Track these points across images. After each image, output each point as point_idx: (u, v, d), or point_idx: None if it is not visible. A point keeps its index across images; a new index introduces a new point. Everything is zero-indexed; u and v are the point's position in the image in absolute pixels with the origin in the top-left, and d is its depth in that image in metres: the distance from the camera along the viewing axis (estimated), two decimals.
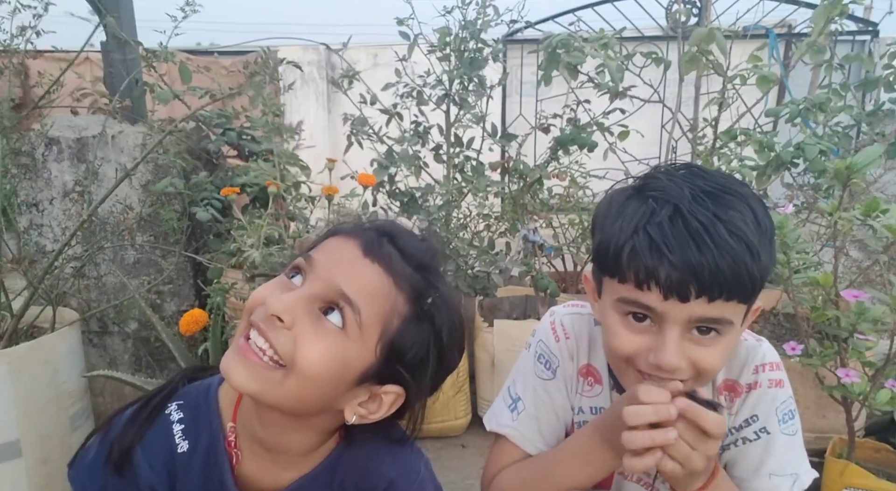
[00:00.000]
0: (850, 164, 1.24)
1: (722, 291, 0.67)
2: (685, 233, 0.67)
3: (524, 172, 2.34)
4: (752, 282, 0.68)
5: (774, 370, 0.85)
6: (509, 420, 0.93)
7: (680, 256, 0.66)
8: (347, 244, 0.68)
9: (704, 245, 0.66)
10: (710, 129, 2.21)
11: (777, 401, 0.84)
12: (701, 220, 0.67)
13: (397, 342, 0.67)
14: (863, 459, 1.61)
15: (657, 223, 0.68)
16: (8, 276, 1.85)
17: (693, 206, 0.68)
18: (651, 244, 0.68)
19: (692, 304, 0.67)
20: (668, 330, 0.70)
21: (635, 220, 0.70)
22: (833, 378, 1.48)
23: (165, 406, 0.76)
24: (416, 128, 2.34)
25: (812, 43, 1.89)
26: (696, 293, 0.67)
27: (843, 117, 2.27)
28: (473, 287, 2.20)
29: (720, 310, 0.68)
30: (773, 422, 0.83)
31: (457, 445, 2.18)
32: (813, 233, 2.11)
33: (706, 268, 0.66)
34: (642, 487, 0.92)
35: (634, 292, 0.70)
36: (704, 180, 0.72)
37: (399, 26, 2.30)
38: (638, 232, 0.69)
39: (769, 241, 0.71)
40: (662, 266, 0.67)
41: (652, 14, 3.11)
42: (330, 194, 1.97)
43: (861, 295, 1.34)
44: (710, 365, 0.71)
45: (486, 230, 2.47)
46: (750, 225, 0.68)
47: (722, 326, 0.70)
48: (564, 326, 0.92)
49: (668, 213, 0.69)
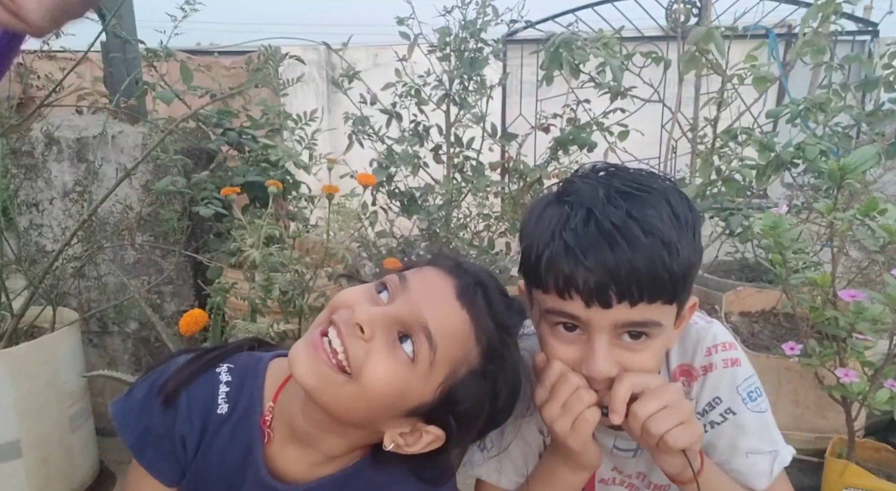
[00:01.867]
0: (844, 165, 1.25)
1: (642, 292, 0.66)
2: (598, 235, 0.66)
3: (524, 172, 2.34)
4: (672, 280, 0.66)
5: (728, 350, 0.83)
6: (481, 460, 0.92)
7: (594, 259, 0.65)
8: (443, 280, 0.69)
9: (617, 246, 0.65)
10: (709, 128, 2.21)
11: (737, 379, 0.82)
12: (614, 220, 0.66)
13: (457, 391, 0.67)
14: (863, 459, 1.61)
15: (572, 228, 0.67)
16: (8, 276, 1.85)
17: (606, 207, 0.67)
18: (567, 250, 0.67)
19: (615, 309, 0.66)
20: (596, 338, 0.69)
21: (552, 226, 0.69)
22: (832, 378, 1.48)
23: (218, 365, 0.77)
24: (416, 127, 2.34)
25: (808, 42, 1.89)
26: (617, 297, 0.66)
27: (843, 117, 2.27)
28: None
29: (645, 313, 0.67)
30: (738, 401, 0.82)
31: None
32: (813, 233, 2.11)
33: (622, 269, 0.64)
34: (625, 489, 0.92)
35: (558, 302, 0.69)
36: (621, 180, 0.71)
37: (399, 26, 2.30)
38: (554, 238, 0.68)
39: (691, 235, 0.69)
40: (579, 272, 0.66)
41: (652, 14, 3.11)
42: (330, 193, 1.97)
43: (858, 295, 1.34)
44: (644, 370, 0.71)
45: (486, 230, 2.47)
46: (666, 221, 0.67)
47: (650, 328, 0.69)
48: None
49: (582, 216, 0.67)
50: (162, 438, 0.74)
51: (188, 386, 0.75)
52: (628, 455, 0.88)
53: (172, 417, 0.74)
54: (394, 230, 2.36)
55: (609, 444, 0.87)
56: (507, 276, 2.24)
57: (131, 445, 0.75)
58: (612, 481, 0.91)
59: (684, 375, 0.85)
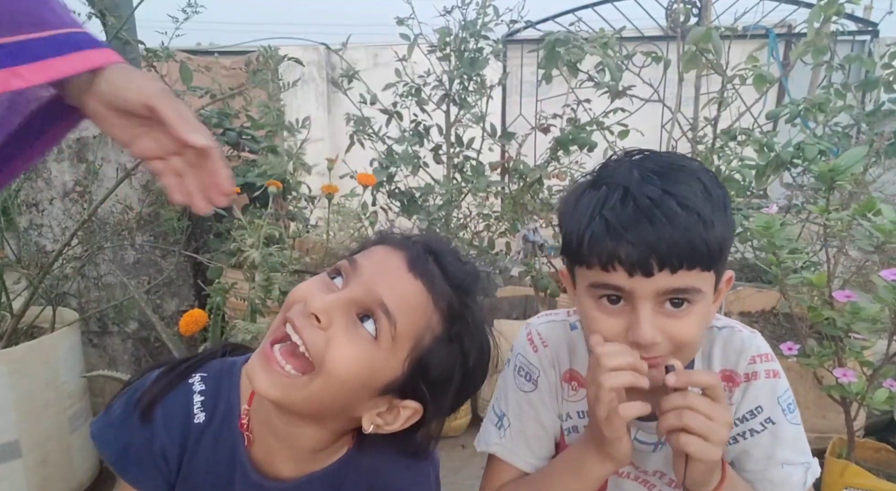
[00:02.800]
0: (834, 166, 1.25)
1: (681, 260, 0.70)
2: (636, 212, 0.70)
3: (524, 172, 2.35)
4: (708, 249, 0.70)
5: (771, 361, 0.86)
6: (497, 438, 0.93)
7: (635, 234, 0.69)
8: (393, 256, 0.69)
9: (656, 220, 0.69)
10: (709, 128, 2.21)
11: (778, 391, 0.84)
12: (650, 197, 0.70)
13: (425, 359, 0.67)
14: (863, 459, 1.61)
15: (611, 207, 0.72)
16: (8, 276, 1.85)
17: (642, 185, 0.71)
18: (608, 227, 0.71)
19: (657, 277, 0.70)
20: (641, 306, 0.72)
21: (591, 207, 0.73)
22: (831, 378, 1.48)
23: (190, 375, 0.77)
24: (416, 127, 2.34)
25: (809, 43, 1.89)
26: (658, 266, 0.69)
27: (843, 117, 2.27)
28: None
29: (685, 280, 0.71)
30: (778, 412, 0.84)
31: (457, 446, 2.18)
32: (813, 233, 2.11)
33: (662, 241, 0.69)
34: (640, 485, 0.92)
35: (602, 275, 0.73)
36: (653, 161, 0.75)
37: (399, 26, 2.30)
38: (594, 218, 0.72)
39: (723, 210, 0.73)
40: (622, 246, 0.70)
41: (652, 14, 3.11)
42: (330, 194, 1.97)
43: (853, 295, 1.35)
44: (687, 336, 0.73)
45: (486, 230, 2.47)
46: (699, 195, 0.71)
47: (691, 295, 0.72)
48: (541, 335, 0.93)
49: (620, 195, 0.72)
50: (142, 454, 0.74)
51: (162, 399, 0.74)
52: (648, 449, 0.88)
53: (150, 432, 0.73)
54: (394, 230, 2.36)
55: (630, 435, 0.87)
56: (506, 276, 2.24)
57: (113, 463, 0.75)
58: (626, 476, 0.92)
59: (727, 381, 0.86)
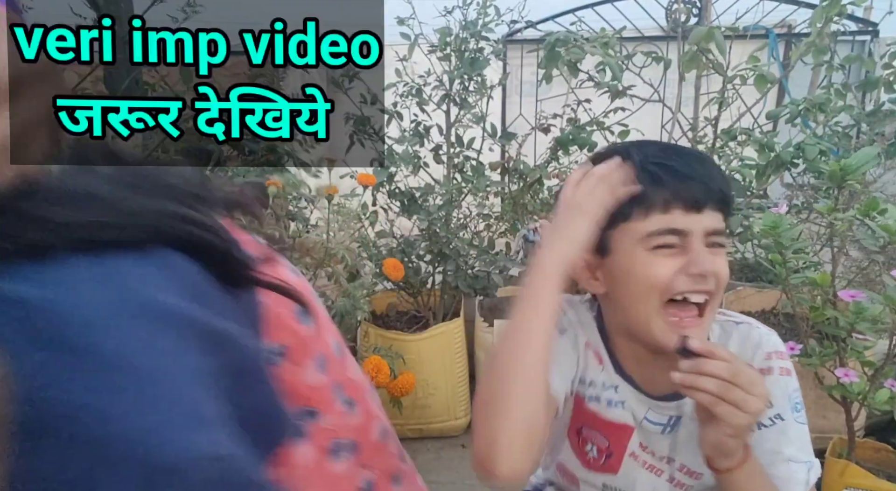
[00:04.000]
0: (845, 165, 1.25)
1: (724, 199, 0.79)
2: (682, 156, 0.79)
3: (524, 172, 2.35)
4: (730, 193, 0.81)
5: (784, 359, 0.87)
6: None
7: (689, 169, 0.77)
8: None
9: (699, 161, 0.79)
10: (710, 128, 2.21)
11: (789, 388, 0.85)
12: (682, 149, 0.81)
13: None
14: (863, 459, 1.61)
15: (654, 156, 0.79)
16: None
17: (664, 146, 0.82)
18: (665, 170, 0.78)
19: (705, 215, 0.77)
20: (696, 243, 0.77)
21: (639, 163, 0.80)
22: (832, 378, 1.48)
23: None
24: (416, 127, 2.34)
25: (811, 43, 1.89)
26: (706, 201, 0.77)
27: (843, 117, 2.27)
28: (473, 287, 2.20)
29: (721, 221, 0.80)
30: (787, 409, 0.84)
31: (457, 445, 2.18)
32: (813, 233, 2.11)
33: (710, 177, 0.78)
34: (647, 471, 0.91)
35: (660, 220, 0.78)
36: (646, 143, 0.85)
37: (399, 26, 2.30)
38: (648, 167, 0.79)
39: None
40: (681, 183, 0.77)
41: (652, 14, 3.10)
42: (330, 194, 1.97)
43: (858, 295, 1.34)
44: (725, 273, 0.79)
45: (486, 230, 2.47)
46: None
47: (723, 238, 0.80)
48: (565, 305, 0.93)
49: (656, 150, 0.81)
50: None
51: None
52: (657, 429, 0.88)
53: None
54: (394, 230, 2.36)
55: (641, 414, 0.88)
56: (506, 276, 2.24)
57: None
58: (639, 459, 0.91)
59: None
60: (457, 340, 2.18)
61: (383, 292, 2.43)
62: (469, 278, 2.21)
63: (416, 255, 2.29)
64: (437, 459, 2.10)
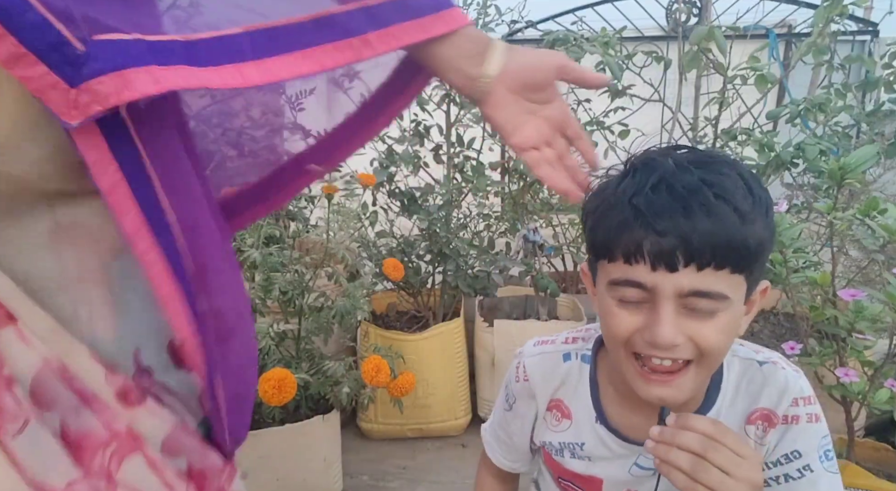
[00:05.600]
0: (844, 164, 1.25)
1: (712, 256, 0.64)
2: (670, 199, 0.65)
3: (524, 172, 2.35)
4: (744, 247, 0.64)
5: (813, 404, 0.81)
6: (487, 424, 1.03)
7: (666, 222, 0.64)
8: None
9: (689, 209, 0.64)
10: (710, 128, 2.22)
11: (817, 437, 0.80)
12: (686, 185, 0.65)
13: None
14: (863, 459, 1.61)
15: (643, 194, 0.66)
16: None
17: (678, 173, 0.66)
18: (636, 214, 0.66)
19: (681, 274, 0.65)
20: (662, 305, 0.66)
21: (621, 195, 0.68)
22: (832, 377, 1.48)
23: None
24: (417, 127, 2.34)
25: (811, 43, 1.89)
26: (684, 261, 0.64)
27: (843, 117, 2.27)
28: (473, 287, 2.20)
29: (712, 281, 0.65)
30: (816, 459, 0.79)
31: (457, 445, 2.18)
32: (813, 232, 2.11)
33: (693, 232, 0.63)
34: None
35: (624, 269, 0.68)
36: (690, 152, 0.71)
37: None
38: (624, 206, 0.67)
39: (764, 211, 0.67)
40: (649, 236, 0.65)
41: (652, 14, 3.11)
42: (330, 194, 1.97)
43: (858, 294, 1.34)
44: (712, 342, 0.67)
45: (486, 230, 2.47)
46: (740, 189, 0.65)
47: (717, 301, 0.66)
48: (526, 369, 0.92)
49: (654, 181, 0.66)
50: None
51: None
52: (647, 474, 0.84)
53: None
54: (394, 230, 2.36)
55: (629, 463, 0.84)
56: (506, 276, 2.24)
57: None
58: None
59: (764, 420, 0.81)
60: (457, 340, 2.18)
61: (383, 292, 2.43)
62: (469, 278, 2.21)
63: (416, 255, 2.29)
64: (437, 459, 2.10)
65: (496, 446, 1.00)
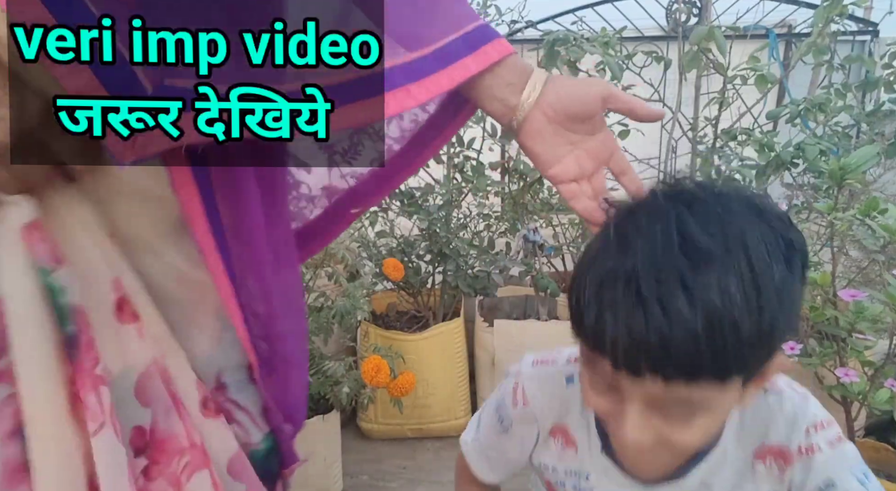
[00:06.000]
0: (845, 164, 1.25)
1: (678, 370, 0.53)
2: (638, 299, 0.53)
3: (524, 172, 2.34)
4: (720, 358, 0.53)
5: (829, 427, 0.74)
6: (470, 438, 0.92)
7: (626, 325, 0.53)
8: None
9: (652, 317, 0.52)
10: (710, 128, 2.22)
11: (847, 459, 0.74)
12: (659, 284, 0.53)
13: None
14: (863, 458, 1.61)
15: (612, 286, 0.55)
16: None
17: (657, 267, 0.53)
18: (600, 309, 0.56)
19: (647, 382, 0.55)
20: (628, 405, 0.58)
21: (597, 277, 0.57)
22: (832, 378, 1.48)
23: None
24: None
25: (811, 43, 1.89)
26: (650, 371, 0.54)
27: (843, 117, 2.27)
28: (473, 287, 2.20)
29: (683, 393, 0.54)
30: (853, 483, 0.74)
31: (457, 445, 2.17)
32: (813, 233, 2.12)
33: (654, 343, 0.52)
34: None
35: (590, 354, 0.60)
36: (699, 220, 0.55)
37: None
38: (595, 291, 0.57)
39: (773, 296, 0.54)
40: (608, 333, 0.55)
41: (652, 14, 3.10)
42: None
43: (858, 294, 1.35)
44: (688, 444, 0.59)
45: (486, 230, 2.47)
46: (732, 289, 0.52)
47: (695, 408, 0.57)
48: (525, 392, 0.82)
49: (627, 273, 0.54)
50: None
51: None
52: None
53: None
54: (394, 230, 2.36)
55: None
56: (506, 276, 2.24)
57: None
58: None
59: (778, 457, 0.74)
60: (457, 340, 2.18)
61: (383, 292, 2.43)
62: (469, 278, 2.21)
63: (416, 255, 2.29)
64: (437, 459, 2.11)
65: (483, 464, 0.91)
